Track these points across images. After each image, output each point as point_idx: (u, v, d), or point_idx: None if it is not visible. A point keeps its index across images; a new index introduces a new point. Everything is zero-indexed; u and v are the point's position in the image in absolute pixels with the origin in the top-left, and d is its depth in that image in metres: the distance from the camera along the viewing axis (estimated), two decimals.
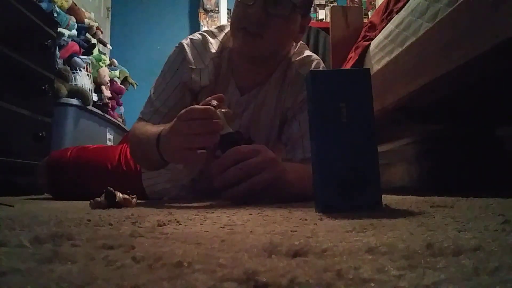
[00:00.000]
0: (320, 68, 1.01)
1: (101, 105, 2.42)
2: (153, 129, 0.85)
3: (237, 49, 0.92)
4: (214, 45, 0.98)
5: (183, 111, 0.72)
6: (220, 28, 1.03)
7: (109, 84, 2.59)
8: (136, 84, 2.99)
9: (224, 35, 1.00)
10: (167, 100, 0.96)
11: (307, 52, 1.03)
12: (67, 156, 1.20)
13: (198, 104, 0.79)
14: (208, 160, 0.76)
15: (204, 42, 0.98)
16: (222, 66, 0.97)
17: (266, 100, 0.99)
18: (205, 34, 1.00)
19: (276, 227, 0.40)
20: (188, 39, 0.99)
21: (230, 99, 0.97)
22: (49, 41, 1.75)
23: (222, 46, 0.98)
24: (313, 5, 4.09)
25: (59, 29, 2.00)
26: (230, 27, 0.93)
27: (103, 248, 0.29)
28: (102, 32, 2.71)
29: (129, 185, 1.08)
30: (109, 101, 2.55)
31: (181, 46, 0.98)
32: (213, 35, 1.00)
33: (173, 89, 0.96)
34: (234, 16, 0.90)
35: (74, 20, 2.23)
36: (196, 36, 1.00)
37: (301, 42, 1.03)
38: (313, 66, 1.00)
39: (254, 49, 0.89)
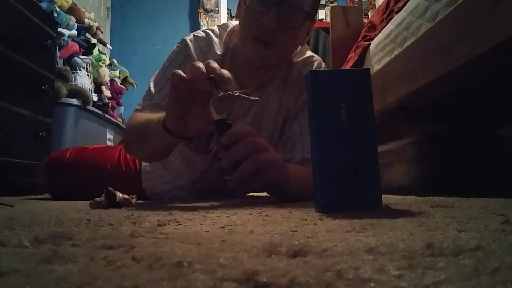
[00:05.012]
0: (322, 68, 1.01)
1: (101, 105, 2.42)
2: (157, 114, 0.80)
3: (247, 56, 0.90)
4: (218, 45, 0.96)
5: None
6: (223, 27, 1.01)
7: (109, 84, 2.59)
8: (136, 84, 2.99)
9: (226, 35, 0.98)
10: (167, 96, 0.95)
11: (309, 53, 1.03)
12: (66, 156, 1.20)
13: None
14: (208, 158, 0.75)
15: (208, 40, 0.97)
16: (224, 67, 0.97)
17: (268, 101, 0.98)
18: (209, 32, 0.98)
19: (276, 227, 0.40)
20: (192, 36, 0.98)
21: None
22: (49, 41, 1.75)
23: (225, 47, 0.97)
24: None
25: (59, 29, 2.00)
26: (240, 34, 0.91)
27: (103, 248, 0.29)
28: (102, 32, 2.71)
29: (129, 186, 1.08)
30: (109, 101, 2.55)
31: (184, 42, 0.97)
32: (217, 35, 0.98)
33: None
34: (246, 24, 0.87)
35: (74, 20, 2.23)
36: (200, 33, 0.98)
37: None
38: (314, 67, 0.99)
39: (265, 57, 0.88)
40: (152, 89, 0.97)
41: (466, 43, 0.76)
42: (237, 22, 0.97)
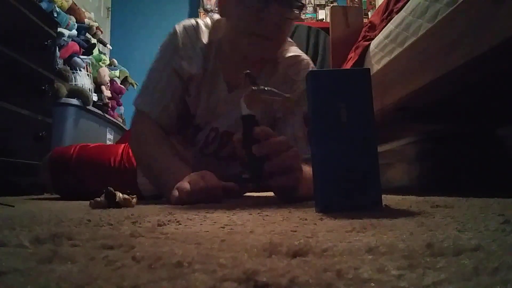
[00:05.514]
0: (310, 68, 0.99)
1: (101, 105, 2.42)
2: (170, 174, 0.84)
3: (244, 52, 0.89)
4: (205, 34, 0.97)
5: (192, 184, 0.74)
6: (213, 20, 1.02)
7: (109, 84, 2.59)
8: (136, 84, 2.99)
9: (212, 27, 0.99)
10: (164, 90, 0.96)
11: (295, 50, 1.01)
12: (70, 152, 1.20)
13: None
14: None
15: (196, 29, 0.97)
16: (210, 59, 0.96)
17: None
18: (199, 21, 0.99)
19: (276, 227, 0.40)
20: (181, 25, 0.98)
21: (218, 95, 0.97)
22: (49, 41, 1.75)
23: (211, 38, 0.97)
24: (312, 5, 4.10)
25: (59, 29, 2.00)
26: (233, 30, 0.90)
27: (103, 248, 0.29)
28: (102, 32, 2.71)
29: (131, 183, 1.09)
30: (109, 101, 2.55)
31: (174, 31, 0.97)
32: (207, 25, 0.99)
33: (167, 78, 0.96)
34: (242, 20, 0.86)
35: (74, 20, 2.24)
36: (191, 21, 0.99)
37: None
38: (302, 66, 0.98)
39: (266, 52, 0.88)
40: (149, 84, 0.98)
41: (466, 43, 0.76)
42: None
